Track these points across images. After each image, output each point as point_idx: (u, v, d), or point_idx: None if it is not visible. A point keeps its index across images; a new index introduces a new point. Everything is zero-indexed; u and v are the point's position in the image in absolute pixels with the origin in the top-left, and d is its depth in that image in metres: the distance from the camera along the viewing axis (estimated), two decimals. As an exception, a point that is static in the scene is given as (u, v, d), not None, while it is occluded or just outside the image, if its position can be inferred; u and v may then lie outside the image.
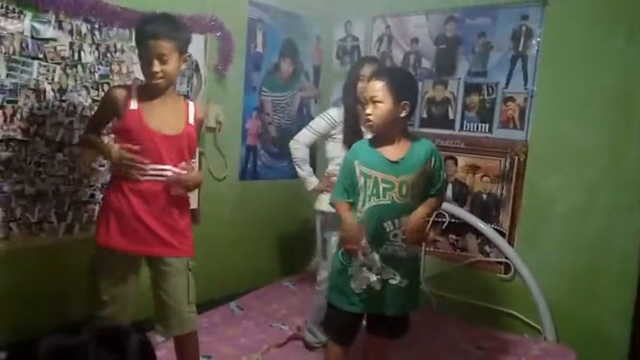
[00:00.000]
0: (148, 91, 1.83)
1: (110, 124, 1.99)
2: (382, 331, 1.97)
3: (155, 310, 1.94)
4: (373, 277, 1.81)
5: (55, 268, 2.27)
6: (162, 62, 1.76)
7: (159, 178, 1.82)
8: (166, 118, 1.85)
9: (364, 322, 1.99)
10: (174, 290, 1.90)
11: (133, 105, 1.81)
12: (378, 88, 1.80)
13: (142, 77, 1.88)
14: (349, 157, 1.91)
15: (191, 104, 1.95)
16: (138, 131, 1.80)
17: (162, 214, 1.84)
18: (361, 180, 1.83)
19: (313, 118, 3.54)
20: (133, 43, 2.34)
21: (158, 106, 1.84)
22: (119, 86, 1.98)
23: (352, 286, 1.84)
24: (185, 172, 1.86)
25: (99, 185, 2.40)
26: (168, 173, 1.83)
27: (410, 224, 1.81)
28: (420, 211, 1.84)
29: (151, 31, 1.74)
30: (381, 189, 1.80)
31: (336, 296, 1.90)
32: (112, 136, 2.08)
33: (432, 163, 1.87)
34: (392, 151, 1.83)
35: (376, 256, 1.81)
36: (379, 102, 1.79)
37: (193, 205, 2.87)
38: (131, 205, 1.80)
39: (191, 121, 1.91)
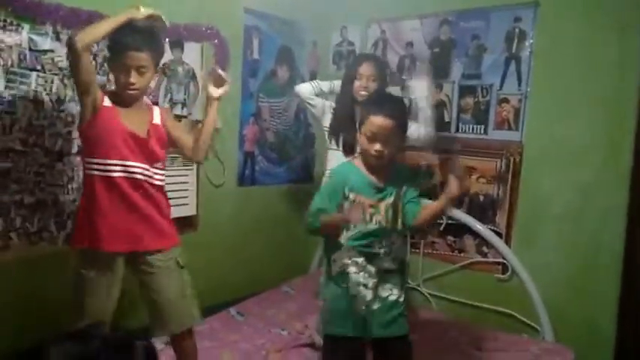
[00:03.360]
0: (119, 99, 1.84)
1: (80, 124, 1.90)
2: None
3: (149, 311, 1.94)
4: (369, 296, 1.80)
5: (54, 277, 2.28)
6: (140, 74, 1.78)
7: (130, 175, 1.82)
8: (135, 120, 1.85)
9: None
10: (165, 288, 1.89)
11: (107, 102, 1.82)
12: (388, 126, 1.73)
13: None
14: (338, 180, 1.84)
15: (156, 109, 1.97)
16: (113, 126, 1.79)
17: (137, 210, 1.83)
18: (347, 205, 1.79)
19: (310, 124, 3.61)
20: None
21: (128, 110, 1.85)
22: None
23: (354, 307, 1.79)
24: None
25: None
26: (137, 170, 1.83)
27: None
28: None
29: (132, 42, 1.74)
30: (367, 214, 1.78)
31: (338, 323, 1.81)
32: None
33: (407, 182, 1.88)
34: (379, 175, 1.82)
35: (372, 269, 1.81)
36: (388, 141, 1.75)
37: (192, 211, 2.91)
38: (104, 203, 1.79)
39: (156, 120, 1.92)
